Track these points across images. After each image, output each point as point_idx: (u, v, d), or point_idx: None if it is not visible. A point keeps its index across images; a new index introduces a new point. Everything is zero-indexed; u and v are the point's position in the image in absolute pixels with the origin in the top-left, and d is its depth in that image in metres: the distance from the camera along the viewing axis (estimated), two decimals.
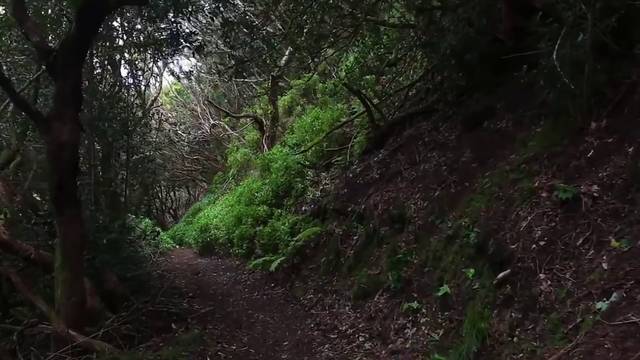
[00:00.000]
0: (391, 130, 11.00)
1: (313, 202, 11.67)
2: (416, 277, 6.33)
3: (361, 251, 8.35)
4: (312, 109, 14.54)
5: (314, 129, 13.39)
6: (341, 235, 9.25)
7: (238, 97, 24.19)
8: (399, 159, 9.57)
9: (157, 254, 16.90)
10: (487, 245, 5.16)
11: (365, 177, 10.23)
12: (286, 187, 13.35)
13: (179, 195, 44.00)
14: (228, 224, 14.77)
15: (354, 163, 11.48)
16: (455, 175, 7.19)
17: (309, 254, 10.30)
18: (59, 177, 6.33)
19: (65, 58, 6.08)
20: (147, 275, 11.18)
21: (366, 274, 7.62)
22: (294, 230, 11.51)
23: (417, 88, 12.01)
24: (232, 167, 20.00)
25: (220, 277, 12.68)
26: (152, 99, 21.45)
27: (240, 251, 13.43)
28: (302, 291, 9.25)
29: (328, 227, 10.05)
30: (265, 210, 13.26)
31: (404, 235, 7.25)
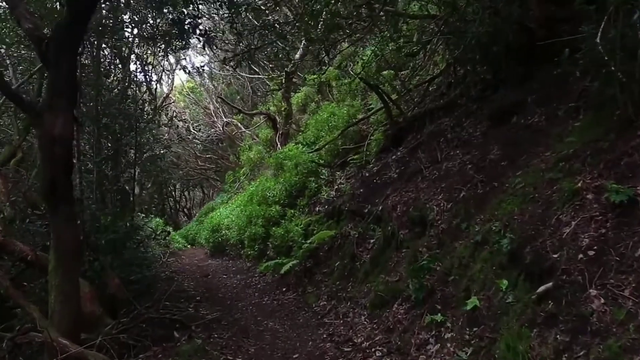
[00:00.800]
0: (410, 127, 10.41)
1: (327, 202, 11.11)
2: (440, 286, 5.73)
3: (378, 255, 7.78)
4: (327, 106, 13.98)
5: (329, 126, 12.83)
6: (357, 238, 8.68)
7: (251, 94, 23.70)
8: (419, 157, 8.97)
9: (167, 254, 16.48)
10: (522, 253, 4.56)
11: (382, 176, 9.65)
12: (300, 187, 12.82)
13: (193, 195, 43.79)
14: (239, 224, 14.27)
15: (371, 162, 10.90)
16: (482, 174, 6.58)
17: (322, 258, 9.76)
18: (51, 174, 5.84)
19: (58, 46, 5.59)
20: (154, 277, 10.71)
21: (384, 280, 7.04)
22: (307, 231, 10.97)
23: (437, 83, 11.38)
24: (245, 165, 19.51)
25: (230, 279, 12.17)
26: (164, 95, 21.10)
27: (252, 253, 12.92)
28: (315, 297, 8.70)
29: (343, 229, 9.49)
30: (278, 210, 12.73)
31: (426, 240, 6.65)
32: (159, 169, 15.49)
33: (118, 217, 11.63)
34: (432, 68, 12.17)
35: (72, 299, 6.14)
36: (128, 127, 11.21)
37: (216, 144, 27.39)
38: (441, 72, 11.19)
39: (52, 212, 6.05)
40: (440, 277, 5.83)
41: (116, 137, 11.39)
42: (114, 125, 11.02)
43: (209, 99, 25.03)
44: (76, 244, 6.22)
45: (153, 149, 13.50)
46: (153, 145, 13.45)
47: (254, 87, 23.31)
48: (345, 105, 12.86)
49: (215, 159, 28.35)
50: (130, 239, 11.18)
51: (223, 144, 26.73)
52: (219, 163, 28.12)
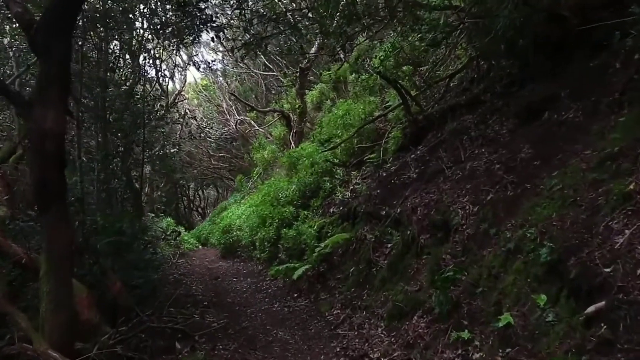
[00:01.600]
0: (430, 125, 9.84)
1: (342, 203, 10.57)
2: (466, 299, 5.16)
3: (396, 262, 7.21)
4: (342, 103, 13.42)
5: (344, 124, 12.28)
6: (373, 242, 8.13)
7: (265, 92, 23.20)
8: (441, 156, 8.40)
9: (177, 255, 16.06)
10: (565, 265, 3.98)
11: (401, 176, 9.09)
12: (314, 187, 12.29)
13: (207, 194, 43.51)
14: (251, 225, 13.78)
15: (388, 161, 10.35)
16: (512, 174, 5.99)
17: (336, 262, 9.22)
18: (42, 171, 5.38)
19: (47, 31, 5.13)
20: (160, 280, 10.27)
21: (402, 289, 6.48)
22: (320, 234, 10.45)
23: (459, 78, 10.79)
24: (258, 164, 19.03)
25: (240, 283, 11.67)
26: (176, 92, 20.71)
27: (263, 255, 12.43)
28: (328, 305, 8.15)
29: (359, 233, 8.93)
30: (291, 211, 12.22)
31: (449, 246, 6.08)
32: (169, 168, 15.07)
33: (126, 217, 11.24)
34: (452, 63, 11.59)
35: (64, 307, 5.68)
36: (136, 123, 10.78)
37: (230, 143, 26.94)
38: (463, 67, 10.60)
39: (43, 212, 5.59)
40: (466, 288, 5.26)
41: (124, 134, 10.98)
42: (121, 122, 10.61)
43: (222, 97, 24.58)
44: (69, 246, 5.75)
45: (163, 147, 13.05)
46: (163, 143, 13.00)
47: (267, 85, 22.81)
48: (361, 102, 12.29)
49: (229, 158, 27.91)
50: (137, 240, 10.77)
51: (236, 142, 26.29)
52: (233, 162, 27.68)
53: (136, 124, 10.69)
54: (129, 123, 10.75)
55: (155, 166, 13.42)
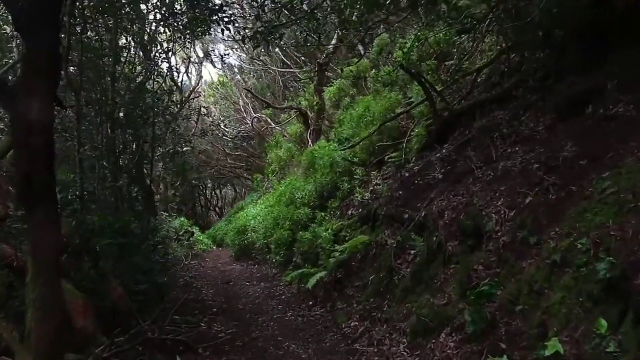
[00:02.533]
0: (457, 122, 9.16)
1: (361, 205, 9.92)
2: (504, 317, 4.48)
3: (421, 270, 6.56)
4: (362, 99, 12.76)
5: (364, 121, 11.62)
6: (395, 247, 7.48)
7: (282, 89, 22.61)
8: (469, 155, 7.73)
9: (189, 256, 15.57)
10: (630, 283, 3.30)
11: (424, 177, 8.43)
12: (331, 187, 11.67)
13: (224, 193, 43.18)
14: (266, 226, 13.20)
15: (411, 160, 9.68)
16: (553, 175, 5.30)
17: (354, 268, 8.58)
18: (27, 168, 4.84)
19: (33, 11, 4.58)
20: (167, 285, 9.75)
21: (428, 302, 5.83)
22: (338, 237, 9.83)
23: (487, 72, 10.09)
24: (274, 163, 18.46)
25: (253, 287, 11.11)
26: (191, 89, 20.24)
27: (278, 259, 11.85)
28: (345, 316, 7.52)
29: (379, 237, 8.29)
30: (307, 212, 11.62)
31: (482, 255, 5.41)
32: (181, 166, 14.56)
33: (134, 217, 10.77)
34: (479, 57, 10.89)
35: (53, 315, 5.12)
36: (145, 119, 10.26)
37: (246, 141, 26.44)
38: (492, 61, 9.89)
39: (29, 211, 5.05)
40: (503, 305, 4.58)
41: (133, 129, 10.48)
42: (130, 116, 10.11)
43: (239, 94, 24.06)
44: (57, 249, 5.19)
45: (175, 144, 12.53)
46: (175, 140, 12.47)
47: (284, 82, 22.22)
48: (382, 98, 11.62)
49: (246, 156, 27.40)
50: (146, 241, 10.28)
51: (253, 141, 25.77)
52: (250, 161, 27.16)
53: (145, 119, 10.16)
54: (138, 118, 10.24)
55: (166, 164, 12.88)
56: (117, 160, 9.91)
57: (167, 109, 11.27)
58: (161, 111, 10.85)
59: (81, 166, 7.50)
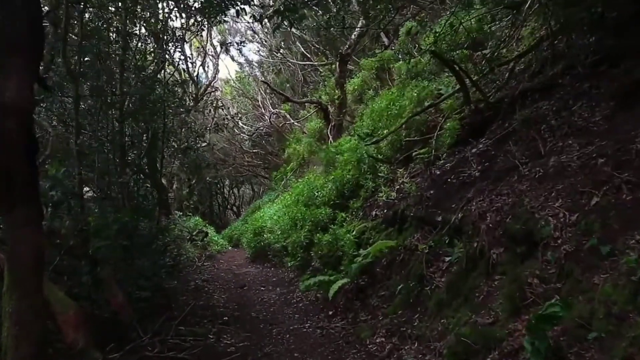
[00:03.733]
0: (495, 114, 8.29)
1: (387, 205, 9.09)
2: (573, 346, 3.61)
3: (458, 281, 5.70)
4: (387, 92, 11.90)
5: (389, 115, 10.76)
6: (427, 253, 6.63)
7: (302, 83, 21.78)
8: (510, 150, 6.88)
9: (203, 258, 14.87)
10: None
11: (459, 174, 7.58)
12: (353, 186, 10.85)
13: (242, 192, 42.62)
14: (283, 227, 12.41)
15: (442, 157, 8.83)
16: (626, 172, 4.41)
17: (380, 276, 7.76)
18: (5, 161, 4.13)
19: None
20: (178, 289, 9.03)
21: (469, 319, 4.98)
22: (360, 240, 9.03)
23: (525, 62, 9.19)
24: (292, 161, 17.68)
25: (269, 293, 10.33)
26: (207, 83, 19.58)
27: (295, 263, 11.04)
28: (370, 330, 6.67)
29: (407, 241, 7.45)
30: (327, 213, 10.81)
31: (536, 266, 4.53)
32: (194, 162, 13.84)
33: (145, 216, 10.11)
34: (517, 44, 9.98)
35: (32, 331, 4.39)
36: (155, 111, 9.54)
37: (265, 139, 25.69)
38: (532, 48, 8.97)
39: (6, 213, 4.33)
40: (571, 329, 3.71)
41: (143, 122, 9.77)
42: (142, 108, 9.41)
43: (257, 89, 23.29)
44: (37, 257, 4.44)
45: (187, 139, 11.80)
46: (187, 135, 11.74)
47: (304, 75, 21.39)
48: (409, 90, 10.74)
49: (263, 154, 26.66)
50: (154, 242, 9.58)
51: (271, 138, 25.00)
52: (268, 159, 26.41)
53: (155, 111, 9.44)
54: (147, 110, 9.53)
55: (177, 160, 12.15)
56: (124, 155, 9.19)
57: (179, 100, 10.51)
58: (173, 103, 10.10)
59: (79, 160, 6.79)
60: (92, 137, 7.85)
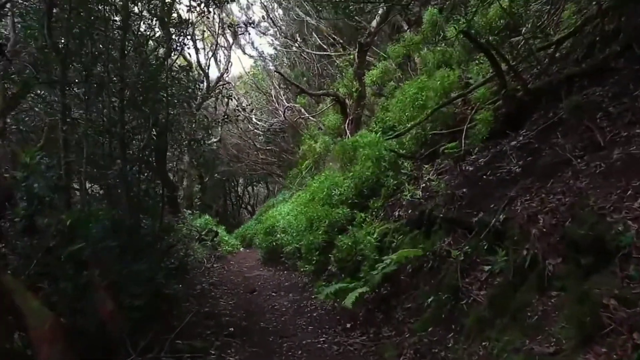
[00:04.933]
0: (535, 102, 7.35)
1: (411, 205, 8.18)
2: None
3: (503, 296, 4.78)
4: (412, 82, 10.94)
5: (413, 107, 9.82)
6: (462, 261, 5.72)
7: (318, 76, 20.82)
8: (558, 142, 5.98)
9: (212, 259, 14.06)
10: None
11: (496, 170, 6.66)
12: (373, 184, 9.94)
13: (257, 191, 41.90)
14: (297, 227, 11.53)
15: (473, 151, 7.93)
16: None
17: (404, 284, 6.86)
18: None
19: None
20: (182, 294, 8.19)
21: (522, 345, 4.06)
22: (382, 244, 8.13)
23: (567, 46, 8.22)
24: (308, 158, 16.80)
25: (280, 299, 9.47)
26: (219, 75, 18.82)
27: (309, 267, 10.18)
28: (394, 348, 5.76)
29: (437, 246, 6.54)
30: (345, 213, 9.92)
31: (612, 282, 3.59)
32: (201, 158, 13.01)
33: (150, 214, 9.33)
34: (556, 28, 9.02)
35: None
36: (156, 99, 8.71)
37: (279, 135, 24.82)
38: (576, 30, 8.01)
39: None
40: None
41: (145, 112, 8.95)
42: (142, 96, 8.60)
43: (271, 83, 22.40)
44: None
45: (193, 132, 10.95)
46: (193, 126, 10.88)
47: (320, 68, 20.44)
48: (436, 79, 9.80)
49: (278, 151, 25.79)
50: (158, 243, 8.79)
51: (285, 134, 24.12)
52: (283, 157, 25.52)
53: (157, 100, 8.62)
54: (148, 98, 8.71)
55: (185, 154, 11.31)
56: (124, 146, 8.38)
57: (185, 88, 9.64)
58: (178, 91, 9.26)
59: (66, 148, 5.96)
60: (86, 125, 7.01)
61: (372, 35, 14.00)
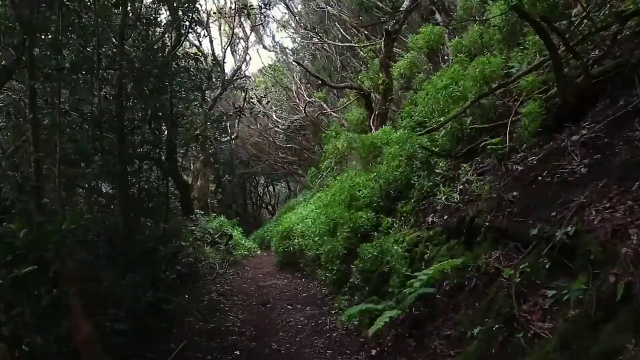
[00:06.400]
0: (599, 90, 6.17)
1: (447, 210, 7.07)
2: None
3: (580, 334, 3.65)
4: (445, 71, 9.78)
5: (449, 98, 8.67)
6: (517, 283, 4.58)
7: (340, 69, 19.67)
8: (635, 136, 4.79)
9: (226, 264, 13.09)
10: None
11: (555, 170, 5.50)
12: (402, 185, 8.85)
13: (278, 191, 41.01)
14: (317, 232, 10.47)
15: (521, 148, 6.75)
16: None
17: (442, 306, 5.75)
18: None
19: None
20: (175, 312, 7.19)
21: None
22: (412, 254, 7.04)
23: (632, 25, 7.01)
24: (329, 156, 15.70)
25: (296, 314, 8.43)
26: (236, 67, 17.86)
27: (330, 276, 9.12)
28: None
29: (481, 261, 5.41)
30: (369, 217, 8.84)
31: None
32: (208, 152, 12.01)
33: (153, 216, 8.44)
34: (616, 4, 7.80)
35: None
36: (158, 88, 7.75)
37: (299, 133, 23.78)
38: None
39: None
40: None
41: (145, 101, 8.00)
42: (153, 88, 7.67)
43: (291, 78, 21.34)
44: None
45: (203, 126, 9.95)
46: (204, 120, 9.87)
47: (343, 61, 19.28)
48: (472, 68, 8.64)
49: (298, 150, 24.72)
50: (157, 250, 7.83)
51: (306, 131, 23.05)
52: (304, 155, 24.44)
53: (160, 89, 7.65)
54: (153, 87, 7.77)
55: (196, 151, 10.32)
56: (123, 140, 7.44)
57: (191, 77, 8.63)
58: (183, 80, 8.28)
59: (35, 142, 4.97)
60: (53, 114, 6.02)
61: (400, 22, 12.86)
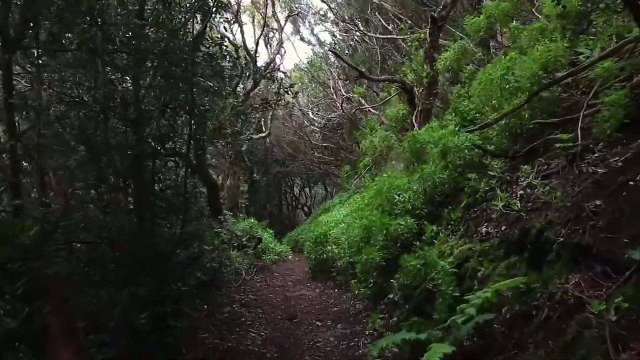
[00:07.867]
0: None
1: (506, 219, 5.96)
2: None
3: None
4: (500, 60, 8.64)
5: (505, 90, 7.55)
6: (613, 321, 3.50)
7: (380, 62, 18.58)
8: None
9: (253, 269, 12.23)
10: None
11: None
12: (449, 188, 7.79)
13: (314, 192, 40.21)
14: (352, 238, 9.48)
15: (598, 146, 5.59)
16: None
17: (502, 338, 4.67)
18: None
19: None
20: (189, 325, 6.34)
21: None
22: (463, 270, 5.98)
23: None
24: (367, 155, 14.68)
25: (325, 333, 7.47)
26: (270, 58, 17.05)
27: (365, 290, 8.13)
28: None
29: (554, 287, 4.33)
30: (410, 225, 7.80)
31: None
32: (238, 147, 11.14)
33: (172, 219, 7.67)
34: None
35: None
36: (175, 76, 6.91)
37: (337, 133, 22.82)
38: None
39: None
40: None
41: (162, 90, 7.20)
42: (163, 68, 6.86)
43: (329, 73, 20.39)
44: None
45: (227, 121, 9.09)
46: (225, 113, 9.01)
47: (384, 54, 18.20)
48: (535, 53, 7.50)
49: (335, 149, 23.74)
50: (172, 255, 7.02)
51: (343, 129, 22.06)
52: (341, 155, 23.45)
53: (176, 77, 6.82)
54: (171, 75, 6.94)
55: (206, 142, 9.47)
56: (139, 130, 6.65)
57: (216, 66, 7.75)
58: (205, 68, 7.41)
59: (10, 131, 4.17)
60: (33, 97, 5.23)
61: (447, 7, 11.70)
